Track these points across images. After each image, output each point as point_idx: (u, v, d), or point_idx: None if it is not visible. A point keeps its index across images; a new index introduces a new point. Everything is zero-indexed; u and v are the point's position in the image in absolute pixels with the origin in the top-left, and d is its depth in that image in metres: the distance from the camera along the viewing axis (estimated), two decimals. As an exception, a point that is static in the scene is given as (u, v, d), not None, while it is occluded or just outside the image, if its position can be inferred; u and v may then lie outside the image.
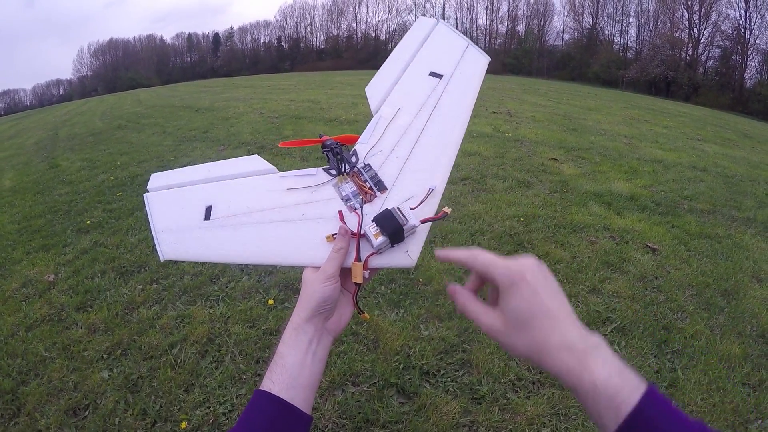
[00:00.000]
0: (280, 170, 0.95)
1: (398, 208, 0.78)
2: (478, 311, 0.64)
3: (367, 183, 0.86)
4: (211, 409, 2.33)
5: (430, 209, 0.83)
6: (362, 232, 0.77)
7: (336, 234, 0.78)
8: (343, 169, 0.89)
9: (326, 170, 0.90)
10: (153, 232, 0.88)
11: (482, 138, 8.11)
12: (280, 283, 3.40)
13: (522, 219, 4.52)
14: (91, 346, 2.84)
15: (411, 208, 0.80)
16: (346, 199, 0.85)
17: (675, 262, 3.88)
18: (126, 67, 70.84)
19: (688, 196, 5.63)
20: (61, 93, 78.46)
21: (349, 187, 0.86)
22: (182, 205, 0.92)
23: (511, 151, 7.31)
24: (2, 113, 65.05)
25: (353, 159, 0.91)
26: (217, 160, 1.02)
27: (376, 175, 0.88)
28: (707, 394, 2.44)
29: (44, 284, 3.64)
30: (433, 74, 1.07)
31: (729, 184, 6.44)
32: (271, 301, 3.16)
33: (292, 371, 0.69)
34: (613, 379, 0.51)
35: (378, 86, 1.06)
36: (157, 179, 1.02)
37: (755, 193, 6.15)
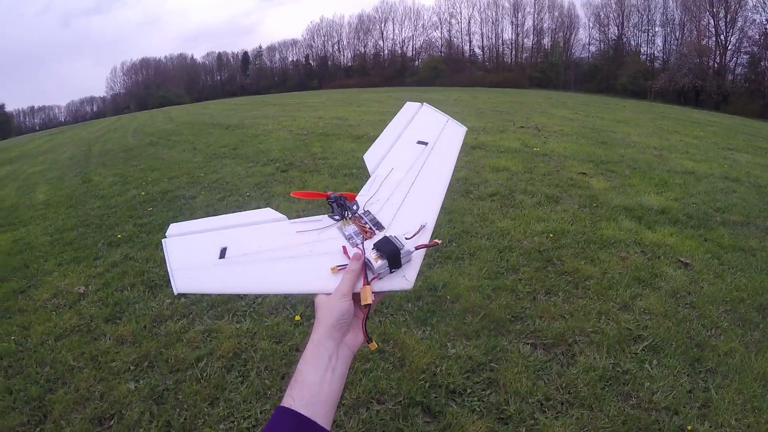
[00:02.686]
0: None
1: (395, 235, 0.89)
2: None
3: (367, 224, 0.97)
4: (235, 423, 2.33)
5: (422, 241, 0.94)
6: (366, 260, 0.87)
7: (340, 266, 0.86)
8: (346, 215, 0.99)
9: (331, 216, 1.01)
10: (169, 270, 0.92)
11: (510, 153, 8.07)
12: (308, 299, 3.37)
13: (551, 235, 4.46)
14: (119, 357, 2.88)
15: (406, 238, 0.92)
16: (348, 238, 0.95)
17: (708, 276, 3.77)
18: (157, 85, 72.51)
19: (721, 207, 5.49)
20: (94, 110, 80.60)
21: (351, 229, 0.97)
22: (198, 248, 0.99)
23: (540, 165, 7.25)
24: (37, 128, 67.10)
25: (354, 207, 1.03)
26: (233, 210, 1.16)
27: (375, 217, 1.00)
28: (741, 414, 2.35)
29: (74, 295, 3.72)
30: (420, 142, 1.24)
31: (762, 194, 6.26)
32: (297, 318, 3.17)
33: (312, 388, 0.71)
34: None
35: (374, 154, 1.23)
36: (175, 228, 1.08)
37: (790, 203, 5.94)
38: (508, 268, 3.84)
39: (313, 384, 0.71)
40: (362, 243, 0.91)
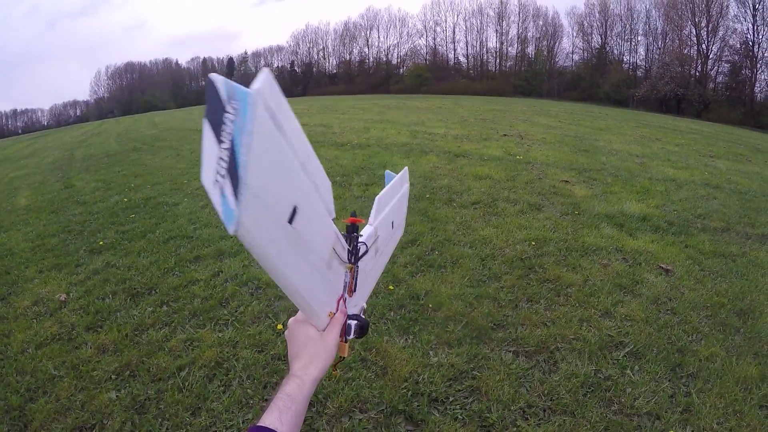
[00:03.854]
0: None
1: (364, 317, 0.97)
2: None
3: (354, 282, 0.97)
4: (218, 433, 2.32)
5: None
6: (350, 323, 0.93)
7: (336, 312, 0.91)
8: (356, 265, 0.97)
9: (349, 252, 0.95)
10: (240, 178, 0.57)
11: (493, 161, 8.15)
12: (290, 308, 3.37)
13: (533, 243, 4.50)
14: (100, 366, 2.85)
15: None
16: (344, 286, 0.95)
17: (689, 282, 3.83)
18: (142, 90, 72.02)
19: (701, 214, 5.59)
20: (78, 114, 79.74)
21: (347, 277, 0.96)
22: (283, 175, 0.69)
23: (522, 173, 7.33)
24: (20, 132, 66.28)
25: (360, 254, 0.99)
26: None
27: (357, 279, 0.99)
28: (723, 418, 2.38)
29: (56, 303, 3.67)
30: (392, 224, 1.24)
31: (742, 200, 6.41)
32: (280, 326, 3.15)
33: (299, 416, 0.77)
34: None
35: (383, 203, 1.15)
36: (272, 89, 0.63)
37: (769, 208, 6.08)
38: (490, 276, 3.87)
39: (300, 413, 0.77)
40: (345, 299, 0.94)
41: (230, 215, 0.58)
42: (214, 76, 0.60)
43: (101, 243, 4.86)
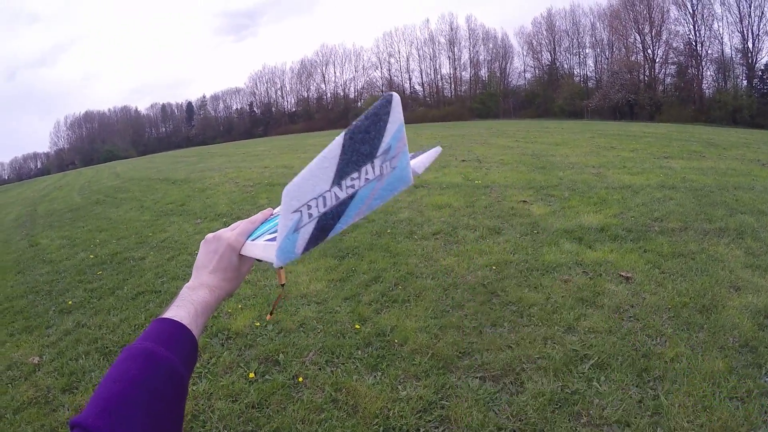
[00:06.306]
0: None
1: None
2: None
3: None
4: (198, 490, 2.33)
5: None
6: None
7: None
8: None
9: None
10: (327, 237, 0.57)
11: (452, 188, 8.28)
12: (261, 356, 3.41)
13: (494, 267, 4.57)
14: (79, 429, 2.83)
15: None
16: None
17: (650, 286, 3.94)
18: (102, 139, 71.25)
19: (658, 217, 5.76)
20: (38, 166, 78.43)
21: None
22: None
23: (481, 198, 7.45)
24: (-20, 187, 64.69)
25: None
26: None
27: None
28: (693, 415, 2.45)
29: (29, 366, 3.62)
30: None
31: (698, 197, 6.60)
32: (252, 375, 3.17)
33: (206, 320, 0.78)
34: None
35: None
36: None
37: (725, 201, 6.32)
38: (453, 305, 3.92)
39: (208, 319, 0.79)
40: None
41: (287, 254, 0.55)
42: (395, 101, 0.52)
43: (70, 303, 4.81)
